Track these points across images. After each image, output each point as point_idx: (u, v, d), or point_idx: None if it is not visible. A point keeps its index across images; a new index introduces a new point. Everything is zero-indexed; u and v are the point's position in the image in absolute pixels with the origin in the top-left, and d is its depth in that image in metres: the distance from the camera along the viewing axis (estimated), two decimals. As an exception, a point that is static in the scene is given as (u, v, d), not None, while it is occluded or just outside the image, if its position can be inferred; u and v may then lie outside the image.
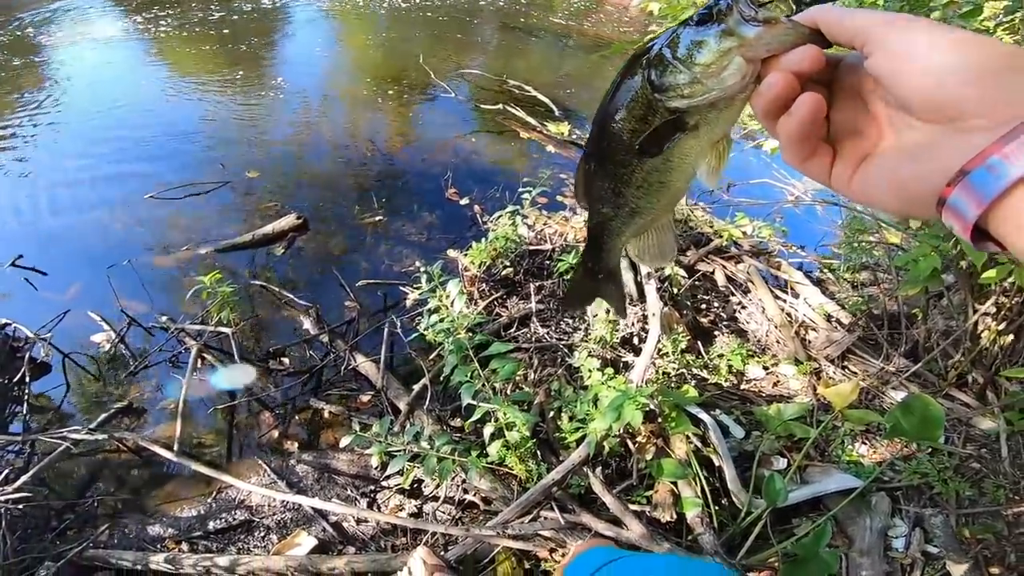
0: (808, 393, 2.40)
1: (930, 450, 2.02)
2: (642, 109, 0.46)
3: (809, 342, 2.71)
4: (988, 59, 0.31)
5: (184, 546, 1.95)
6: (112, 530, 2.01)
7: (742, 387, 2.45)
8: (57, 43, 6.79)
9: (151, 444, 2.18)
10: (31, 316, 2.81)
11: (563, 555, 1.66)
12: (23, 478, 2.00)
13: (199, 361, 2.58)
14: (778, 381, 2.51)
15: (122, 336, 2.74)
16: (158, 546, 1.95)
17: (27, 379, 2.49)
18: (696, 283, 3.00)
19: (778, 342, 2.69)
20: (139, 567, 1.81)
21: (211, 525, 2.03)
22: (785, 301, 2.87)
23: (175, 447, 2.17)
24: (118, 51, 6.65)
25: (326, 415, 2.40)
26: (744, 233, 3.28)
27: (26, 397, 2.44)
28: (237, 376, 2.55)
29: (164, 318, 2.81)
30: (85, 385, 2.58)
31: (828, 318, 2.80)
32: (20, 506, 1.96)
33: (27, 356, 2.57)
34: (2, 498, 1.89)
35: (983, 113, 0.31)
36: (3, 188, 3.93)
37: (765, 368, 2.56)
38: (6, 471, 2.06)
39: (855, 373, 2.50)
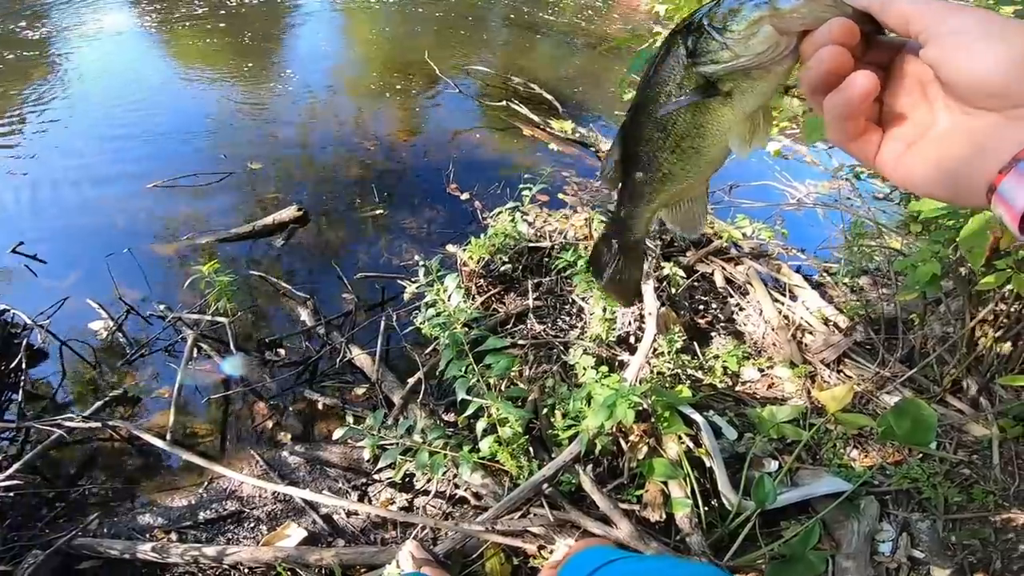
0: (802, 396, 2.40)
1: (921, 455, 2.02)
2: (679, 75, 0.47)
3: (806, 345, 2.71)
4: None
5: (173, 536, 1.95)
6: (102, 519, 2.01)
7: (737, 389, 2.45)
8: (66, 32, 6.80)
9: (144, 433, 2.18)
10: (30, 302, 2.82)
11: (551, 552, 1.67)
12: (15, 465, 2.00)
13: (195, 350, 2.59)
14: (773, 383, 2.50)
15: (120, 324, 2.75)
16: (147, 535, 1.95)
17: (23, 366, 2.49)
18: (695, 284, 3.00)
19: (774, 344, 2.69)
20: (127, 556, 1.82)
21: (201, 515, 2.03)
22: (783, 304, 2.87)
23: (167, 436, 2.18)
24: (127, 42, 6.66)
25: (320, 407, 2.40)
26: (744, 235, 3.27)
27: (22, 384, 2.44)
28: (241, 365, 2.57)
29: (162, 307, 2.81)
30: (81, 373, 2.59)
31: (826, 322, 2.79)
32: (11, 494, 1.96)
33: (24, 343, 2.57)
34: None
35: None
36: (8, 175, 3.94)
37: (760, 370, 2.55)
38: None
39: (850, 377, 2.50)
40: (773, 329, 2.73)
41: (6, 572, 1.74)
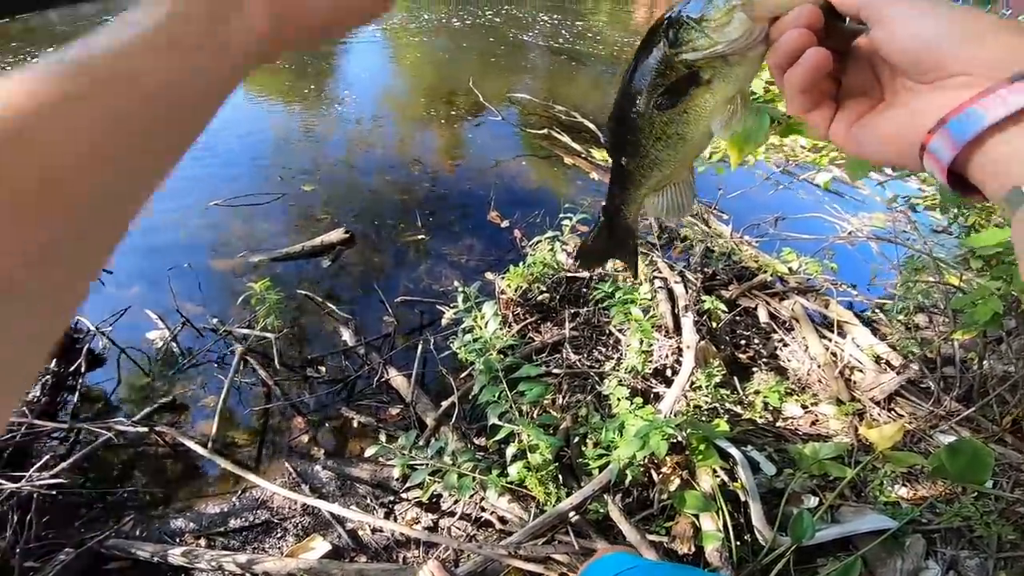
0: (848, 434, 2.29)
1: (975, 493, 1.89)
2: (661, 64, 0.50)
3: (854, 383, 2.59)
4: (972, 24, 0.35)
5: (202, 541, 2.00)
6: (137, 521, 2.09)
7: (777, 424, 2.36)
8: None
9: (187, 440, 2.27)
10: (94, 310, 3.01)
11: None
12: (62, 465, 2.09)
13: (242, 364, 2.69)
14: (816, 420, 2.40)
15: (175, 335, 2.89)
16: (178, 540, 2.01)
17: (82, 369, 2.65)
18: (737, 318, 2.93)
19: (820, 381, 2.59)
20: (156, 559, 1.87)
21: (232, 523, 2.08)
22: (831, 340, 2.76)
23: (209, 444, 2.26)
24: None
25: (355, 424, 2.44)
26: (791, 269, 3.18)
27: (79, 387, 2.59)
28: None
29: (215, 320, 2.95)
30: (135, 379, 2.72)
31: (877, 359, 2.67)
32: (54, 492, 2.05)
33: (86, 348, 2.73)
34: (38, 483, 1.98)
35: (967, 71, 0.35)
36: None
37: (804, 407, 2.45)
38: (47, 457, 2.16)
39: (901, 415, 2.37)
40: (819, 366, 2.63)
41: (36, 568, 1.81)
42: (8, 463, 2.20)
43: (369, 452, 2.02)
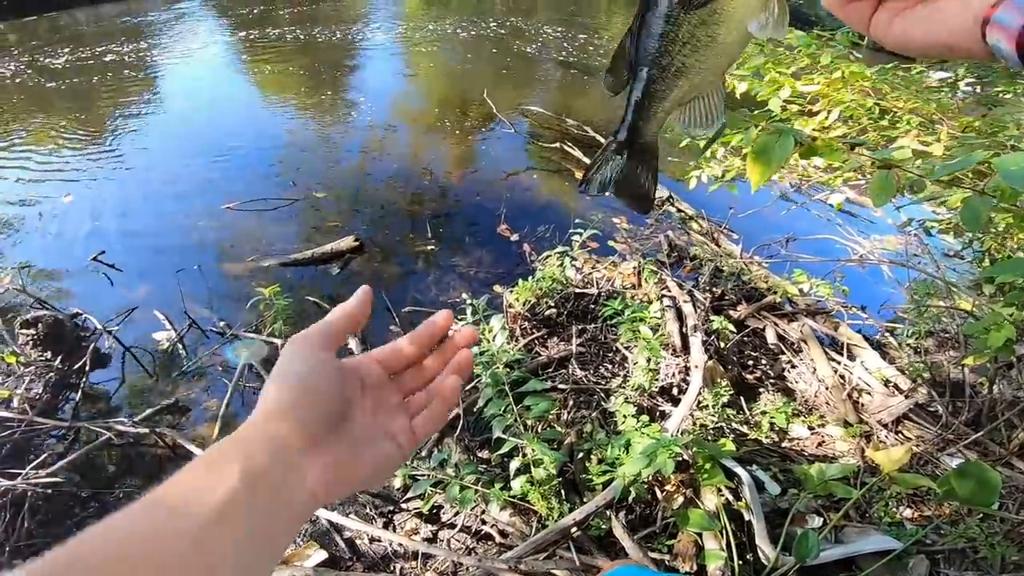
0: (855, 455, 2.27)
1: (981, 515, 1.86)
2: None
3: (862, 405, 2.57)
4: None
5: (194, 547, 1.98)
6: None
7: (783, 445, 2.34)
8: (161, 55, 7.47)
9: (187, 442, 2.26)
10: (102, 309, 3.03)
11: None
12: (59, 463, 2.09)
13: (247, 368, 2.68)
14: (823, 442, 2.38)
15: (181, 337, 2.90)
16: (172, 545, 1.99)
17: (87, 368, 2.65)
18: (744, 339, 2.91)
19: (827, 403, 2.56)
20: None
21: (225, 528, 2.06)
22: (839, 363, 2.73)
23: (208, 448, 2.24)
24: (214, 65, 7.26)
25: (358, 433, 2.43)
26: (801, 291, 3.16)
27: (82, 385, 2.59)
28: (253, 351, 2.64)
29: (222, 323, 2.95)
30: (139, 380, 2.73)
31: (886, 383, 2.64)
32: (49, 490, 2.03)
33: (92, 347, 2.74)
34: (33, 481, 1.98)
35: None
36: (98, 188, 4.30)
37: (810, 428, 2.43)
38: (44, 455, 2.16)
39: (909, 438, 2.35)
40: (827, 388, 2.60)
41: None
42: (6, 460, 2.20)
43: (371, 461, 2.00)
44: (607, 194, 0.67)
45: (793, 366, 2.79)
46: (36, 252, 3.60)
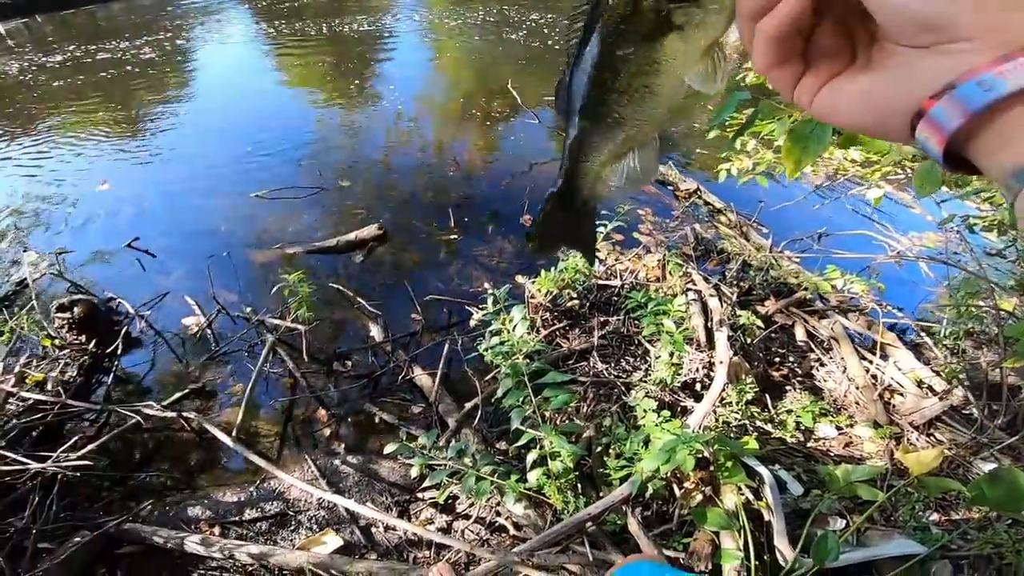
0: (883, 458, 2.19)
1: (1010, 521, 1.78)
2: (628, 8, 0.44)
3: (893, 406, 2.48)
4: None
5: (217, 530, 2.01)
6: (155, 507, 2.11)
7: (809, 444, 2.27)
8: (195, 47, 7.61)
9: (212, 427, 2.30)
10: (135, 294, 3.11)
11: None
12: (89, 447, 2.13)
13: (271, 354, 2.72)
14: (851, 442, 2.30)
15: (211, 322, 2.95)
16: (193, 527, 2.03)
17: (119, 352, 2.72)
18: (772, 335, 2.83)
19: (857, 403, 2.48)
20: (170, 545, 1.89)
21: (248, 513, 2.10)
22: (871, 362, 2.64)
23: (233, 432, 2.28)
24: (246, 56, 7.38)
25: (377, 421, 2.45)
26: (833, 287, 3.05)
27: (114, 369, 2.66)
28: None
29: (248, 309, 3.00)
30: (168, 364, 2.79)
31: (919, 384, 2.54)
32: (78, 473, 2.07)
33: (124, 330, 2.81)
34: (64, 464, 2.02)
35: (974, 36, 0.31)
36: (133, 176, 4.41)
37: (838, 428, 2.36)
38: (75, 438, 2.21)
39: (941, 441, 2.26)
40: (857, 387, 2.52)
41: (50, 549, 1.83)
42: (38, 442, 2.26)
43: (388, 450, 2.00)
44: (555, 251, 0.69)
45: (822, 364, 2.71)
46: (73, 238, 3.71)
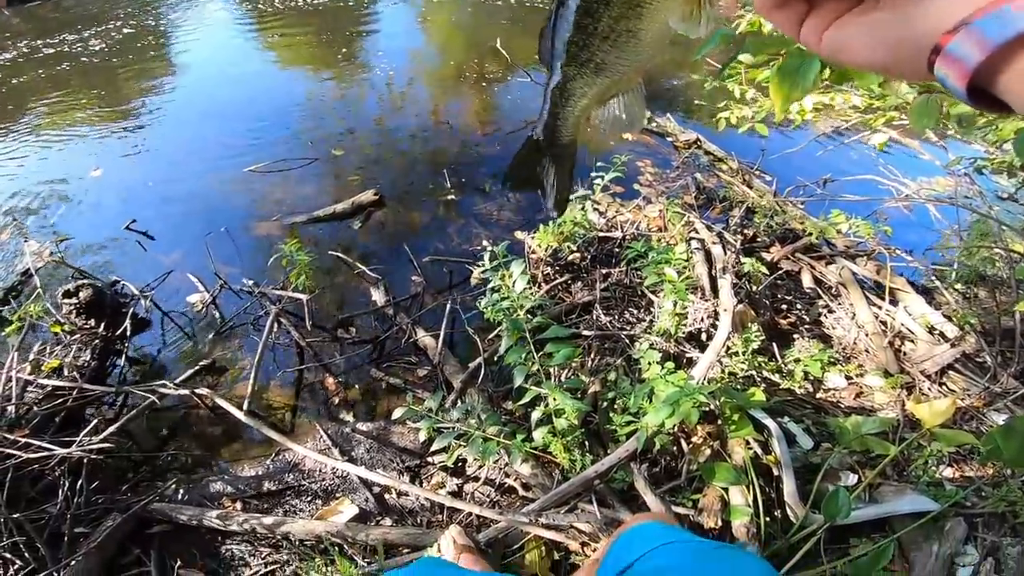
0: (895, 408, 2.17)
1: None
2: None
3: (904, 354, 2.44)
4: None
5: (238, 505, 2.05)
6: (179, 485, 2.15)
7: (818, 395, 2.25)
8: (176, 25, 7.46)
9: (224, 402, 2.31)
10: (138, 275, 3.11)
11: (594, 550, 1.60)
12: (110, 429, 2.15)
13: (276, 325, 2.72)
14: (861, 392, 2.28)
15: (215, 298, 2.95)
16: (215, 503, 2.06)
17: (128, 333, 2.74)
18: (778, 281, 2.79)
19: (867, 351, 2.45)
20: (194, 522, 1.93)
21: (265, 485, 2.13)
22: (881, 308, 2.60)
23: (244, 406, 2.30)
24: (229, 33, 7.22)
25: (384, 386, 2.46)
26: (839, 232, 2.99)
27: (125, 351, 2.68)
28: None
29: (250, 282, 2.99)
30: (177, 342, 2.80)
31: (931, 330, 2.50)
32: (102, 456, 2.10)
33: (130, 312, 2.82)
34: (88, 447, 2.04)
35: None
36: (125, 161, 4.36)
37: (848, 378, 2.33)
38: (95, 422, 2.24)
39: (954, 391, 2.23)
40: (867, 335, 2.48)
41: (85, 534, 1.87)
42: (60, 428, 2.28)
43: (396, 415, 2.01)
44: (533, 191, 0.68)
45: (831, 311, 2.67)
46: (71, 226, 3.69)
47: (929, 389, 2.25)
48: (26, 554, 1.76)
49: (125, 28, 7.54)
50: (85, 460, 2.03)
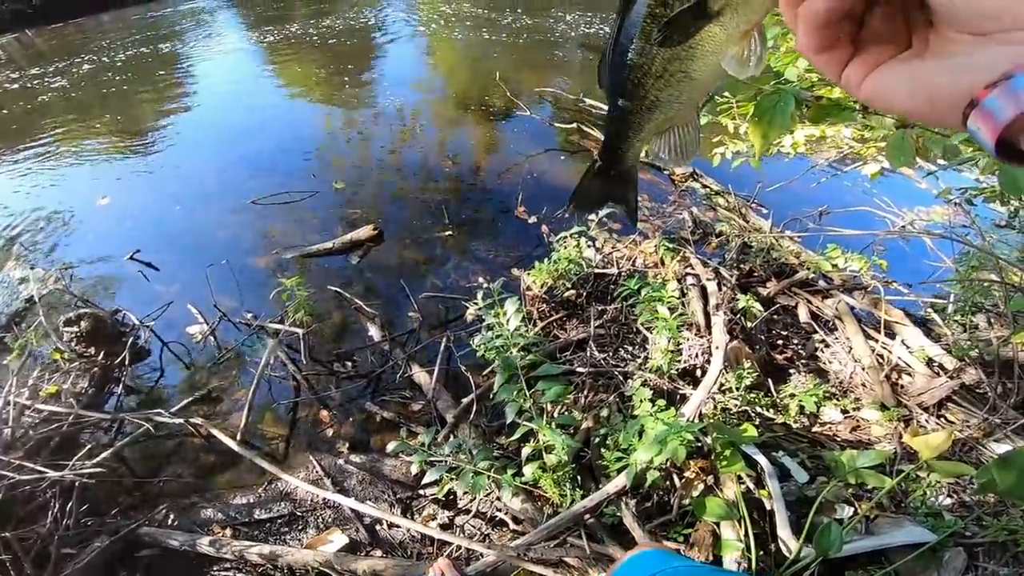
0: (892, 441, 2.15)
1: None
2: None
3: (902, 387, 2.43)
4: None
5: (228, 532, 2.05)
6: (170, 511, 2.15)
7: (814, 430, 2.23)
8: (191, 53, 7.67)
9: (219, 432, 2.33)
10: (140, 305, 3.15)
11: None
12: (104, 454, 2.18)
13: (273, 358, 2.74)
14: (858, 426, 2.26)
15: (213, 329, 2.98)
16: (206, 530, 2.06)
17: (127, 362, 2.76)
18: (775, 316, 2.79)
19: (863, 385, 2.43)
20: (184, 548, 1.93)
21: (257, 514, 2.13)
22: (877, 341, 2.59)
23: (238, 436, 2.31)
24: (241, 64, 7.40)
25: (379, 419, 2.46)
26: (835, 266, 3.00)
27: (123, 379, 2.70)
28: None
29: (249, 315, 3.03)
30: (175, 372, 2.83)
31: (929, 362, 2.49)
32: (94, 480, 2.13)
33: (130, 341, 2.86)
34: (80, 471, 2.07)
35: None
36: (131, 189, 4.46)
37: (844, 411, 2.31)
38: (90, 446, 2.26)
39: (952, 423, 2.21)
40: (863, 368, 2.47)
41: (72, 555, 1.88)
42: (57, 451, 2.31)
43: (390, 448, 2.02)
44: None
45: (827, 345, 2.66)
46: (77, 253, 3.76)
47: (927, 421, 2.23)
48: (12, 573, 1.78)
49: (141, 55, 7.79)
50: (76, 483, 2.06)
